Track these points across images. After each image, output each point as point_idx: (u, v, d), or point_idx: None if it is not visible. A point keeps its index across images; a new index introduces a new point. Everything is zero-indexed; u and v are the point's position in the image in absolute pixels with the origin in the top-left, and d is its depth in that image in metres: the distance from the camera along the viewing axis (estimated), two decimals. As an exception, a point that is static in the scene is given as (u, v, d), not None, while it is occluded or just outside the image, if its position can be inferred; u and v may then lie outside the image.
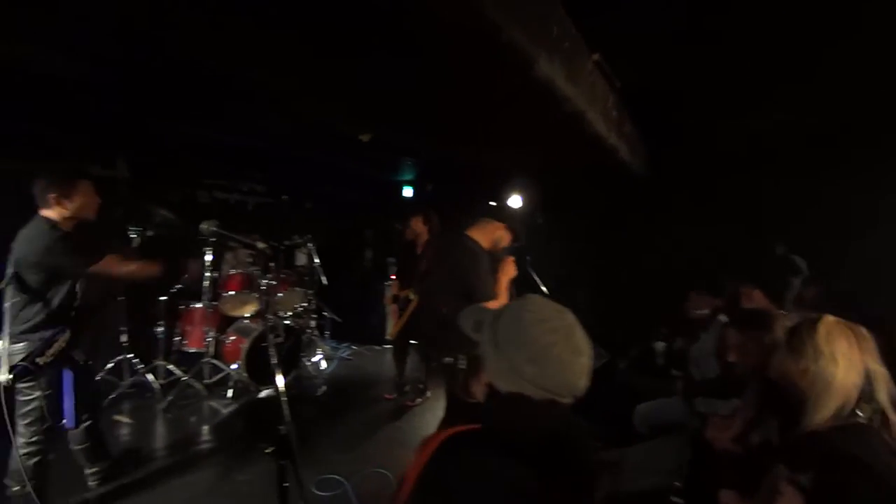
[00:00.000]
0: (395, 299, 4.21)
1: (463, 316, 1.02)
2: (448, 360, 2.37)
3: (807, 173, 3.55)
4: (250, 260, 4.35)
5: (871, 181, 3.25)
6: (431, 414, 4.01)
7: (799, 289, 3.01)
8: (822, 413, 1.08)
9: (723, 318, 2.77)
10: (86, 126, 3.79)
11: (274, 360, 1.67)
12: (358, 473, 2.82)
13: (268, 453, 1.40)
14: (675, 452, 2.46)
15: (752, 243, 3.59)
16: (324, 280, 5.27)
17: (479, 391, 0.95)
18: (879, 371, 1.11)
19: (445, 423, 2.76)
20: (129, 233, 3.55)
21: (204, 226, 2.09)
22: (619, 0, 2.04)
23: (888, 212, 3.20)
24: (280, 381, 1.59)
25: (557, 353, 0.85)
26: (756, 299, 2.92)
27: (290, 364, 4.37)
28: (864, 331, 1.17)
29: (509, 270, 2.55)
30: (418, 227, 4.00)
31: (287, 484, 1.47)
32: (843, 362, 1.09)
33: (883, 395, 1.08)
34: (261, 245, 2.11)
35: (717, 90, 3.10)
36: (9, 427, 2.00)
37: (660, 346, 3.37)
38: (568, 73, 1.90)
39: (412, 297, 3.90)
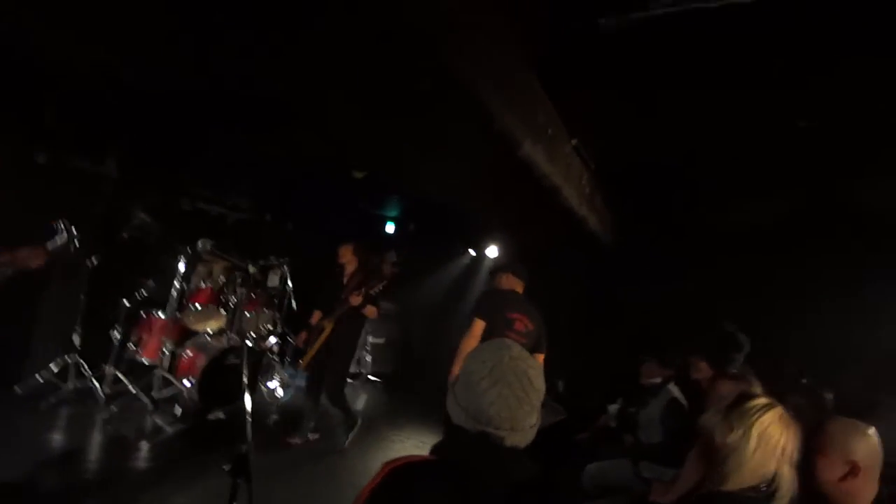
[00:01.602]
0: (309, 328, 3.93)
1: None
2: None
3: (761, 255, 3.92)
4: (223, 278, 4.30)
5: (820, 267, 3.62)
6: (383, 454, 3.96)
7: (740, 364, 3.26)
8: (727, 485, 1.22)
9: (672, 387, 2.96)
10: (82, 119, 3.82)
11: (244, 380, 1.70)
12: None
13: (225, 471, 1.41)
14: (618, 514, 2.54)
15: (702, 317, 3.87)
16: (293, 305, 5.24)
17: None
18: (787, 475, 1.22)
19: None
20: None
21: (200, 244, 2.12)
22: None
23: (834, 296, 3.54)
24: (248, 400, 1.62)
25: (477, 380, 0.93)
26: (703, 370, 3.14)
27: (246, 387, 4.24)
28: (796, 432, 1.27)
29: None
30: (346, 257, 3.88)
31: (237, 504, 1.47)
32: (763, 454, 1.22)
33: (782, 493, 1.21)
34: (252, 269, 2.14)
35: (682, 175, 3.48)
36: None
37: (613, 408, 3.51)
38: (548, 155, 2.19)
39: (326, 325, 3.70)
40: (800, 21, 1.59)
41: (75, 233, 2.76)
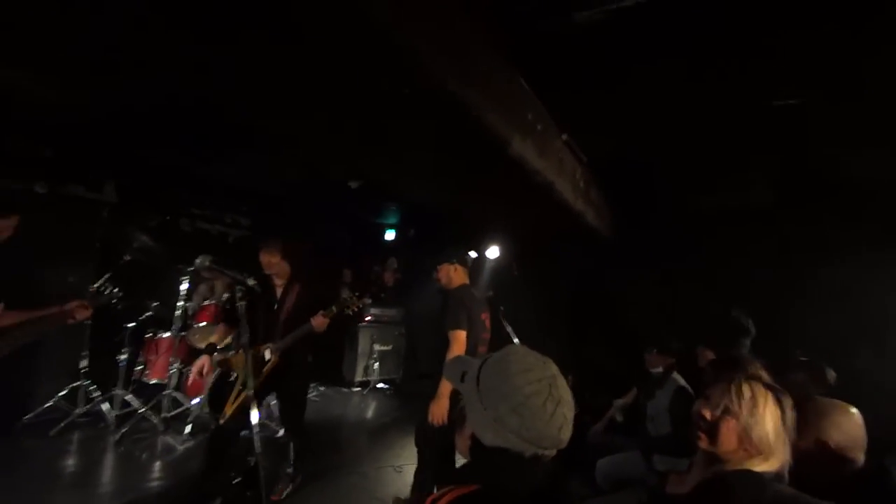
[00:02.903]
0: (221, 363, 2.88)
1: (448, 367, 1.04)
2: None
3: (756, 234, 3.94)
4: (226, 294, 4.33)
5: (812, 253, 3.64)
6: (395, 461, 3.95)
7: (748, 348, 3.25)
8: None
9: (677, 376, 2.95)
10: (79, 147, 3.87)
11: (251, 394, 1.71)
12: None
13: (235, 483, 1.42)
14: (632, 508, 2.53)
15: (706, 306, 3.87)
16: (298, 317, 5.26)
17: (463, 445, 0.96)
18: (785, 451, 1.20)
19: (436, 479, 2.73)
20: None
21: (198, 260, 2.14)
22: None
23: (830, 281, 3.56)
24: (255, 414, 1.62)
25: (540, 403, 0.85)
26: (709, 359, 3.14)
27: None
28: (784, 406, 1.24)
29: None
30: (273, 265, 2.83)
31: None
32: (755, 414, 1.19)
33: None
34: (251, 282, 2.13)
35: (677, 168, 3.51)
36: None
37: (619, 403, 3.49)
38: (539, 151, 2.21)
39: (270, 354, 2.74)
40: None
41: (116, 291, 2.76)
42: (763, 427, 1.19)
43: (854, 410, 1.43)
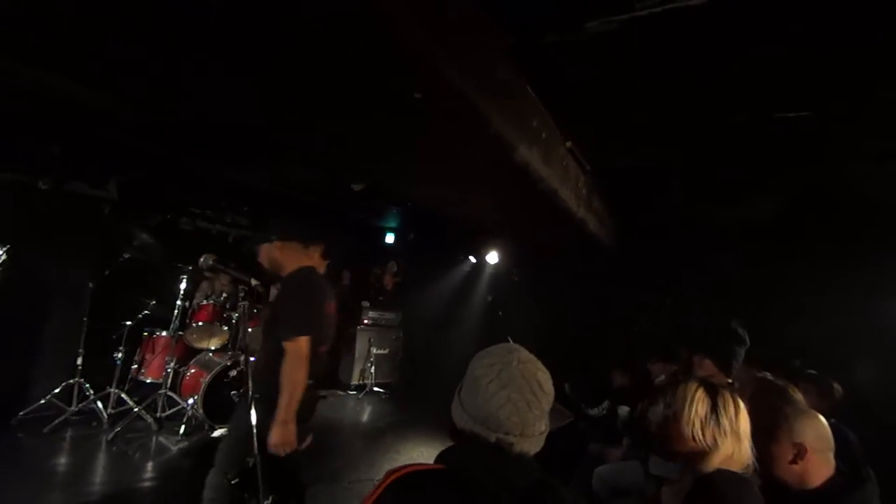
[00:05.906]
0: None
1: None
2: None
3: (762, 247, 3.97)
4: (226, 293, 4.31)
5: (822, 256, 3.67)
6: (390, 465, 3.92)
7: (742, 357, 3.25)
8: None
9: (678, 385, 2.95)
10: (84, 144, 3.86)
11: (249, 394, 1.69)
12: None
13: (233, 484, 1.40)
14: (630, 517, 2.51)
15: (706, 316, 3.87)
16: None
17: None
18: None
19: None
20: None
21: (202, 259, 2.09)
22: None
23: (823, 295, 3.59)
24: (253, 414, 1.61)
25: (485, 384, 0.91)
26: (706, 368, 3.14)
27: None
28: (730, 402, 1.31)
29: None
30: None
31: (246, 518, 1.46)
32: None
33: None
34: (254, 282, 2.09)
35: (680, 179, 3.53)
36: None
37: (623, 410, 3.47)
38: (543, 158, 2.23)
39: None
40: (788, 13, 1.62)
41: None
42: (694, 419, 1.26)
43: (821, 416, 1.51)
